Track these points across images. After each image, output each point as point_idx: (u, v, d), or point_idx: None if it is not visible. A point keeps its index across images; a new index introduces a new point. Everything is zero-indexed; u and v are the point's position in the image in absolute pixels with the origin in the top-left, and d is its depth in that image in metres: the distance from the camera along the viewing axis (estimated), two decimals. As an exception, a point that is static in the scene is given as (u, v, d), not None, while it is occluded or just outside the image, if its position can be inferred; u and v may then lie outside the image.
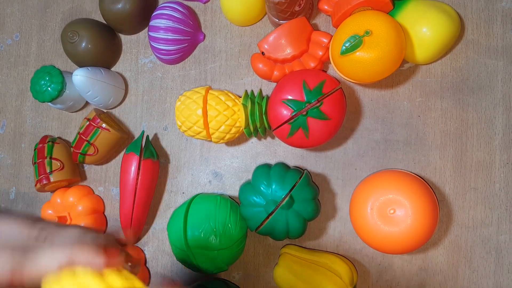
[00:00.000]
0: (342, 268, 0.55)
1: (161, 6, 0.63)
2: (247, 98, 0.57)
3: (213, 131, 0.57)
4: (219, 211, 0.56)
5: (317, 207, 0.56)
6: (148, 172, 0.61)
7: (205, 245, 0.55)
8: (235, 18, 0.62)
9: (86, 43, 0.63)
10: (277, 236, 0.55)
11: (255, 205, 0.55)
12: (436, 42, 0.54)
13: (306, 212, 0.54)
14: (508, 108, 0.57)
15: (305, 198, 0.54)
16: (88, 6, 0.70)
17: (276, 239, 0.56)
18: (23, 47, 0.72)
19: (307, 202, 0.54)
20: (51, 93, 0.62)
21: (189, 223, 0.56)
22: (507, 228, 0.57)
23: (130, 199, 0.60)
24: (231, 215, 0.56)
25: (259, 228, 0.55)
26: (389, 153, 0.60)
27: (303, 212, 0.54)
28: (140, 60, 0.68)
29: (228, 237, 0.55)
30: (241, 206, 0.57)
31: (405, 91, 0.60)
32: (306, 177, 0.56)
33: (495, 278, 0.57)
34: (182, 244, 0.55)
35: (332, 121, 0.53)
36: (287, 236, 0.55)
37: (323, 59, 0.58)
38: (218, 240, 0.55)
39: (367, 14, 0.52)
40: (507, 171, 0.57)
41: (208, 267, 0.56)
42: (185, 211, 0.57)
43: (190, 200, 0.59)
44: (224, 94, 0.58)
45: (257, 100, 0.58)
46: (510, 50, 0.58)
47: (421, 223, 0.51)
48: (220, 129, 0.57)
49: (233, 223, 0.56)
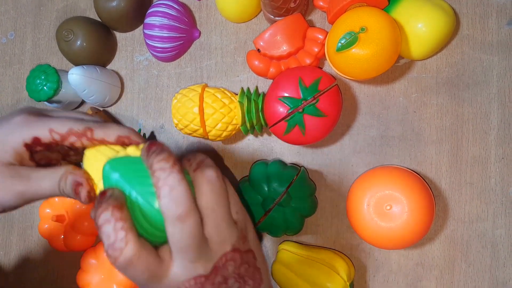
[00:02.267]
0: (340, 264, 0.55)
1: (156, 4, 0.62)
2: (243, 95, 0.57)
3: (209, 129, 0.57)
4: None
5: (314, 203, 0.56)
6: None
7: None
8: (230, 15, 0.62)
9: (81, 41, 0.63)
10: (275, 232, 0.55)
11: (253, 202, 0.55)
12: (431, 37, 0.54)
13: (303, 208, 0.54)
14: (503, 103, 0.58)
15: (303, 195, 0.54)
16: (83, 4, 0.69)
17: (274, 236, 0.56)
18: (18, 45, 0.72)
19: (304, 199, 0.55)
20: (47, 92, 0.61)
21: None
22: (502, 222, 0.57)
23: None
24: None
25: (257, 224, 0.55)
26: (385, 149, 0.60)
27: (300, 209, 0.54)
28: (135, 57, 0.67)
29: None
30: None
31: (401, 87, 0.60)
32: (303, 174, 0.56)
33: (491, 272, 0.57)
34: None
35: (328, 118, 0.53)
36: (285, 232, 0.56)
37: (319, 55, 0.58)
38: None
39: (362, 11, 0.52)
40: (502, 166, 0.57)
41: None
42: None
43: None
44: (221, 91, 0.58)
45: (253, 97, 0.58)
46: (505, 45, 0.58)
47: (418, 218, 0.51)
48: (217, 127, 0.57)
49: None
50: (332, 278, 0.54)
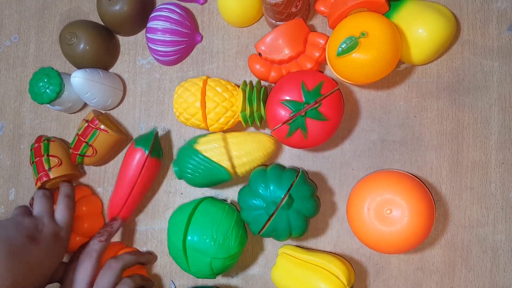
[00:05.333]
0: (339, 268, 0.55)
1: (159, 8, 0.63)
2: (245, 84, 0.58)
3: (209, 110, 0.57)
4: (224, 220, 0.56)
5: (317, 203, 0.56)
6: (150, 171, 0.61)
7: (201, 249, 0.55)
8: (232, 19, 0.62)
9: (84, 45, 0.63)
10: (280, 236, 0.55)
11: (255, 208, 0.55)
12: (432, 42, 0.54)
13: (306, 209, 0.54)
14: (504, 108, 0.58)
15: (304, 196, 0.54)
16: (86, 8, 0.70)
17: (280, 240, 0.56)
18: (22, 48, 0.72)
19: (306, 199, 0.55)
20: (49, 94, 0.62)
21: (193, 223, 0.56)
22: (503, 227, 0.57)
23: (125, 193, 0.61)
24: (234, 228, 0.56)
25: (262, 230, 0.55)
26: (386, 153, 0.60)
27: (303, 210, 0.54)
28: (138, 61, 0.68)
29: (226, 248, 0.55)
30: (242, 211, 0.57)
31: (402, 91, 0.60)
32: (303, 174, 0.56)
33: (491, 277, 0.57)
34: (179, 240, 0.56)
35: (330, 122, 0.54)
36: (290, 235, 0.56)
37: (320, 60, 0.58)
38: (216, 248, 0.55)
39: (363, 16, 0.53)
40: (502, 171, 0.57)
41: (197, 271, 0.56)
42: (191, 210, 0.57)
43: (199, 200, 0.59)
44: (222, 85, 0.59)
45: (256, 86, 0.58)
46: (505, 50, 0.58)
47: (418, 223, 0.51)
48: (217, 110, 0.57)
49: (234, 236, 0.56)
50: (332, 283, 0.54)
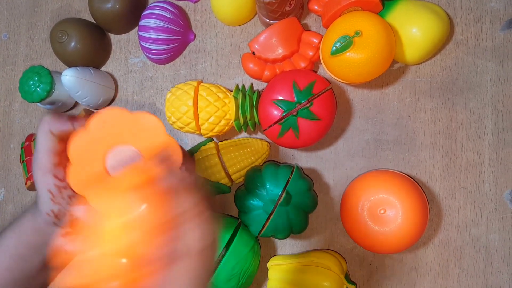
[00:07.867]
0: (329, 260, 0.55)
1: (151, 6, 0.62)
2: (238, 91, 0.57)
3: (202, 121, 0.57)
4: (252, 263, 0.55)
5: (315, 198, 0.56)
6: None
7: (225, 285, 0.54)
8: (225, 17, 0.62)
9: (75, 43, 0.63)
10: (281, 234, 0.55)
11: (254, 208, 0.54)
12: (425, 42, 0.54)
13: (305, 204, 0.54)
14: (497, 108, 0.58)
15: (301, 191, 0.54)
16: (77, 5, 0.69)
17: (281, 238, 0.56)
18: (12, 46, 0.71)
19: (304, 194, 0.54)
20: (40, 93, 0.61)
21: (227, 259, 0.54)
22: (496, 227, 0.57)
23: None
24: (255, 270, 0.57)
25: (262, 230, 0.55)
26: (380, 153, 0.60)
27: (302, 205, 0.54)
28: (130, 60, 0.67)
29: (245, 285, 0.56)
30: (241, 213, 0.56)
31: (395, 91, 0.60)
32: (298, 170, 0.55)
33: (485, 276, 0.57)
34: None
35: (322, 122, 0.53)
36: (290, 232, 0.55)
37: (314, 59, 0.58)
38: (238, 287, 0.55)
39: (357, 15, 0.52)
40: (496, 171, 0.57)
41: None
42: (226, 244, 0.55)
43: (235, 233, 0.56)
44: (216, 86, 0.58)
45: (248, 93, 0.58)
46: (499, 50, 0.58)
47: (411, 222, 0.51)
48: (210, 120, 0.56)
49: (252, 277, 0.57)
50: (326, 276, 0.53)
